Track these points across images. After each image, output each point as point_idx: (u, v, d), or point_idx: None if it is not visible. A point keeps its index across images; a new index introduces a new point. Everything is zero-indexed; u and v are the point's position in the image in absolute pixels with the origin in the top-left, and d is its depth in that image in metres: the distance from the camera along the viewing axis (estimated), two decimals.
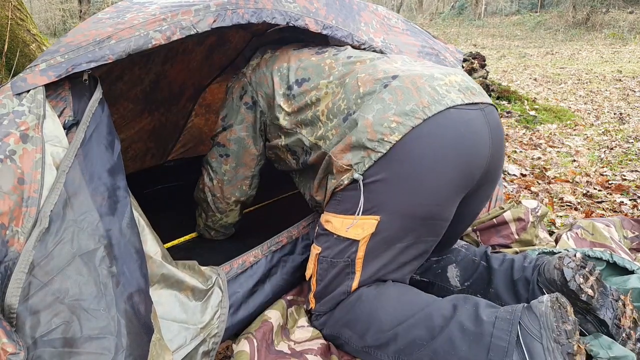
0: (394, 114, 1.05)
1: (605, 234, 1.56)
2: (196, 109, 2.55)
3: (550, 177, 2.55)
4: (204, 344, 1.06)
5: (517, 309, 0.97)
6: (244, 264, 1.26)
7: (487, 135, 1.09)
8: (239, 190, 1.49)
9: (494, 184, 1.22)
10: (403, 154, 1.04)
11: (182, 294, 1.06)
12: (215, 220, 1.59)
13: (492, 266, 1.28)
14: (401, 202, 1.06)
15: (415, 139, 1.03)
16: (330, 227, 1.15)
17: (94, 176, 0.91)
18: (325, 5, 1.43)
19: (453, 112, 1.05)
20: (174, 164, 2.61)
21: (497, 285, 1.24)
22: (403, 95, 1.07)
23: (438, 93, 1.07)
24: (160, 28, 1.05)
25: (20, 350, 0.72)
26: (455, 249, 1.36)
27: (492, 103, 1.18)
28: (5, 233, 0.79)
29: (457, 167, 1.05)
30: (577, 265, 1.11)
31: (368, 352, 1.10)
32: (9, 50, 2.31)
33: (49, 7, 15.91)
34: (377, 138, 1.04)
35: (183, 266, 1.11)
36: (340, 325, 1.15)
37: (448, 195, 1.07)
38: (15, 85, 0.90)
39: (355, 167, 1.08)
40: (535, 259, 1.23)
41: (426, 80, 1.09)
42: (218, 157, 1.47)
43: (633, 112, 4.33)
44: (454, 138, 1.04)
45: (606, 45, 10.91)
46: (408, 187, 1.04)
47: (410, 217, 1.07)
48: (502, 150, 1.19)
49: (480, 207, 1.28)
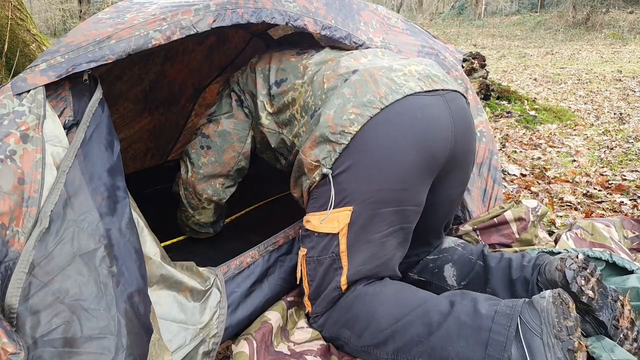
0: (353, 106, 1.09)
1: (604, 234, 1.56)
2: (196, 109, 2.55)
3: (550, 177, 2.55)
4: (204, 344, 1.06)
5: (518, 304, 0.96)
6: (241, 264, 1.26)
7: (448, 119, 1.12)
8: (212, 188, 1.46)
9: (465, 169, 1.24)
10: (363, 143, 1.08)
11: (180, 295, 1.06)
12: (187, 217, 1.56)
13: (489, 265, 1.27)
14: (368, 190, 1.08)
15: (374, 128, 1.07)
16: (311, 226, 1.18)
17: (94, 176, 0.91)
18: (325, 5, 1.43)
19: (410, 99, 1.09)
20: (174, 164, 2.61)
21: (494, 284, 1.24)
22: (361, 88, 1.11)
23: (395, 83, 1.10)
24: (160, 28, 1.05)
25: (20, 350, 0.72)
26: (451, 248, 1.36)
27: (458, 90, 1.20)
28: (6, 233, 0.79)
29: (416, 151, 1.07)
30: (579, 266, 1.10)
31: (367, 351, 1.10)
32: (9, 50, 2.31)
33: (49, 7, 15.91)
34: (339, 130, 1.09)
35: (181, 267, 1.11)
36: (339, 325, 1.15)
37: (412, 179, 1.09)
38: (15, 85, 0.90)
39: (323, 162, 1.12)
40: (535, 259, 1.22)
41: (384, 72, 1.13)
42: (199, 148, 1.44)
43: (633, 112, 4.33)
44: (410, 123, 1.07)
45: (606, 45, 10.91)
46: (372, 174, 1.08)
47: (380, 204, 1.09)
48: (470, 135, 1.21)
49: (454, 193, 1.27)
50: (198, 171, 1.44)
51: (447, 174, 1.18)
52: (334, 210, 1.11)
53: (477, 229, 1.54)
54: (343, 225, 1.10)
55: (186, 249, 1.63)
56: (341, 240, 1.12)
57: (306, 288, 1.23)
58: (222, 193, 1.49)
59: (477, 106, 1.73)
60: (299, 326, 1.26)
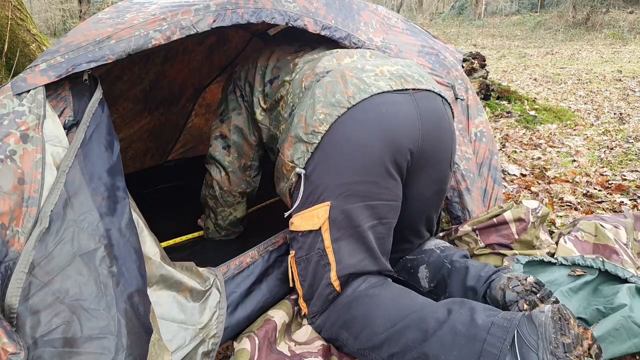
0: (322, 106, 1.14)
1: (608, 234, 1.53)
2: (196, 109, 2.55)
3: (550, 177, 2.55)
4: (203, 344, 1.06)
5: (517, 317, 0.94)
6: (240, 264, 1.26)
7: (415, 117, 1.14)
8: (244, 181, 1.55)
9: (438, 168, 1.25)
10: (332, 141, 1.12)
11: (180, 295, 1.06)
12: (225, 217, 1.62)
13: (452, 270, 1.26)
14: (340, 183, 1.12)
15: (341, 126, 1.12)
16: (295, 227, 1.21)
17: (94, 176, 0.91)
18: (325, 5, 1.43)
19: (377, 98, 1.13)
20: (174, 164, 2.61)
21: (451, 290, 1.23)
22: (331, 88, 1.15)
23: (364, 83, 1.14)
24: (160, 28, 1.05)
25: (20, 350, 0.72)
26: (430, 250, 1.36)
27: (433, 90, 1.22)
28: (6, 233, 0.79)
29: (381, 145, 1.11)
30: (525, 290, 1.07)
31: (364, 354, 1.09)
32: (9, 50, 2.31)
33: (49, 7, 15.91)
34: (310, 130, 1.14)
35: (181, 267, 1.11)
36: (337, 327, 1.15)
37: (379, 171, 1.12)
38: (15, 85, 0.90)
39: (297, 163, 1.17)
40: (493, 271, 1.20)
41: (355, 72, 1.17)
42: (221, 149, 1.52)
43: (633, 112, 4.33)
44: (375, 119, 1.11)
45: (606, 45, 10.91)
46: (340, 168, 1.12)
47: (355, 197, 1.12)
48: (441, 133, 1.21)
49: (427, 191, 1.27)
50: (228, 170, 1.52)
51: (418, 171, 1.21)
52: (312, 208, 1.15)
53: (477, 229, 1.54)
54: (323, 220, 1.13)
55: (186, 250, 1.63)
56: (324, 235, 1.14)
57: (299, 289, 1.24)
58: (253, 183, 1.58)
59: (478, 106, 1.73)
60: (304, 324, 1.26)
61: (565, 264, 1.37)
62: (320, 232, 1.14)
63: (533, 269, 1.38)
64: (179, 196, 2.20)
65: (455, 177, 1.59)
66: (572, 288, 1.29)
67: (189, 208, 1.90)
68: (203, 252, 1.61)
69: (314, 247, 1.16)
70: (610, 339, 1.09)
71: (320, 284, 1.18)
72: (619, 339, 1.09)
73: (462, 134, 1.65)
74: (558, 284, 1.32)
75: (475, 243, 1.54)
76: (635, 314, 1.12)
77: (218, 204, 1.59)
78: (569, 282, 1.32)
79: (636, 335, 1.10)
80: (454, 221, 1.60)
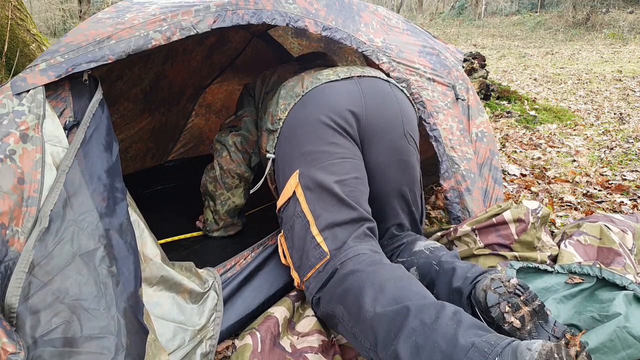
0: (283, 100, 1.37)
1: (613, 237, 1.51)
2: (196, 109, 2.55)
3: (550, 177, 2.55)
4: (201, 345, 1.06)
5: (501, 344, 0.83)
6: (235, 265, 1.28)
7: (357, 92, 1.34)
8: (244, 164, 1.65)
9: (389, 136, 1.36)
10: (289, 123, 1.34)
11: (179, 297, 1.06)
12: (223, 201, 1.67)
13: (439, 271, 1.24)
14: (301, 154, 1.28)
15: (296, 109, 1.34)
16: (279, 204, 1.33)
17: (94, 176, 0.91)
18: (325, 7, 1.43)
19: (324, 85, 1.35)
20: (174, 164, 2.61)
21: (438, 290, 1.20)
22: (292, 87, 1.39)
23: (317, 78, 1.37)
24: (160, 28, 1.05)
25: (20, 350, 0.72)
26: (420, 251, 1.35)
27: (379, 76, 1.41)
28: (5, 233, 0.79)
29: (325, 111, 1.29)
30: (508, 291, 1.03)
31: (354, 333, 1.04)
32: (9, 50, 2.31)
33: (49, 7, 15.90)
34: (275, 120, 1.37)
35: (180, 267, 1.11)
36: (335, 301, 1.11)
37: (328, 133, 1.28)
38: (15, 85, 0.90)
39: (268, 150, 1.39)
40: (480, 272, 1.16)
41: (313, 74, 1.41)
42: (227, 131, 1.66)
43: (633, 112, 4.33)
44: (320, 98, 1.32)
45: (606, 45, 10.91)
46: (298, 141, 1.30)
47: (316, 161, 1.27)
48: (386, 105, 1.37)
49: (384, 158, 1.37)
50: (230, 150, 1.64)
51: (370, 139, 1.35)
52: (287, 181, 1.29)
53: (476, 229, 1.54)
54: (295, 185, 1.27)
55: (185, 250, 1.63)
56: (300, 199, 1.26)
57: (289, 259, 1.30)
58: (252, 170, 1.68)
59: (478, 106, 1.73)
60: (305, 315, 1.27)
61: (562, 272, 1.36)
62: (296, 196, 1.27)
63: (529, 276, 1.37)
64: (179, 196, 2.20)
65: (456, 177, 1.59)
66: (566, 295, 1.26)
67: (189, 208, 1.90)
68: (202, 252, 1.61)
69: (293, 211, 1.27)
70: (605, 349, 1.07)
71: (305, 244, 1.23)
72: (613, 349, 1.06)
73: (463, 134, 1.65)
74: (554, 291, 1.30)
75: (474, 243, 1.54)
76: (631, 324, 1.09)
77: (218, 186, 1.65)
78: (565, 289, 1.30)
79: (631, 346, 1.07)
80: (454, 221, 1.60)
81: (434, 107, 1.60)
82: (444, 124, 1.61)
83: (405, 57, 1.60)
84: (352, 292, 1.07)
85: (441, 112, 1.62)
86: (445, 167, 1.60)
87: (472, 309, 1.10)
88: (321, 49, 2.20)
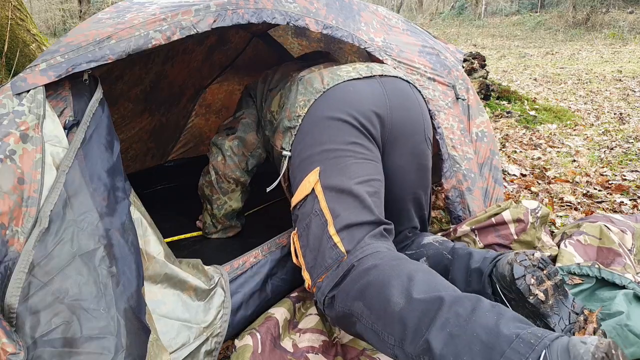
0: (302, 96, 1.32)
1: (613, 238, 1.51)
2: (196, 109, 2.55)
3: (550, 177, 2.55)
4: (207, 343, 1.06)
5: (548, 337, 0.79)
6: (244, 264, 1.26)
7: (381, 93, 1.30)
8: (239, 169, 1.62)
9: (411, 139, 1.34)
10: (310, 120, 1.28)
11: (184, 294, 1.06)
12: (220, 205, 1.65)
13: (454, 258, 1.25)
14: (322, 151, 1.23)
15: (317, 106, 1.29)
16: (294, 202, 1.27)
17: (94, 176, 0.91)
18: (326, 6, 1.43)
19: (347, 82, 1.30)
20: (174, 164, 2.61)
21: (454, 274, 1.21)
22: (311, 82, 1.33)
23: (338, 75, 1.32)
24: (160, 28, 1.05)
25: (20, 350, 0.72)
26: (429, 244, 1.36)
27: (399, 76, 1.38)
28: (5, 233, 0.79)
29: (349, 111, 1.25)
30: (533, 265, 1.05)
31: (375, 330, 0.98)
32: (9, 50, 2.31)
33: (49, 7, 15.91)
34: (293, 117, 1.31)
35: (187, 264, 1.11)
36: (352, 297, 1.04)
37: (353, 133, 1.24)
38: (15, 85, 0.90)
39: (284, 147, 1.32)
40: (498, 253, 1.17)
41: (331, 70, 1.35)
42: (224, 135, 1.62)
43: (633, 112, 4.33)
44: (344, 96, 1.28)
45: (606, 45, 10.91)
46: (320, 138, 1.25)
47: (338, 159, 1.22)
48: (409, 107, 1.34)
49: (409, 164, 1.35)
50: (226, 154, 1.60)
51: (393, 142, 1.32)
52: (304, 178, 1.23)
53: (475, 229, 1.54)
54: (315, 182, 1.21)
55: (186, 249, 1.63)
56: (319, 197, 1.20)
57: (302, 259, 1.21)
58: (247, 174, 1.65)
59: (479, 106, 1.73)
60: (308, 314, 1.27)
61: (561, 272, 1.35)
62: (315, 194, 1.21)
63: None
64: (180, 196, 2.20)
65: (457, 176, 1.59)
66: None
67: (189, 208, 1.90)
68: (203, 252, 1.60)
69: (311, 209, 1.21)
70: None
71: (321, 243, 1.15)
72: None
73: (464, 134, 1.65)
74: None
75: (474, 243, 1.54)
76: (632, 322, 1.09)
77: (214, 190, 1.63)
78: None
79: (632, 344, 1.07)
80: (455, 221, 1.60)
81: (435, 107, 1.60)
82: (445, 124, 1.61)
83: (406, 57, 1.60)
84: (374, 286, 1.01)
85: (442, 112, 1.62)
86: (448, 166, 1.60)
87: (492, 288, 1.11)
88: (321, 49, 2.20)
